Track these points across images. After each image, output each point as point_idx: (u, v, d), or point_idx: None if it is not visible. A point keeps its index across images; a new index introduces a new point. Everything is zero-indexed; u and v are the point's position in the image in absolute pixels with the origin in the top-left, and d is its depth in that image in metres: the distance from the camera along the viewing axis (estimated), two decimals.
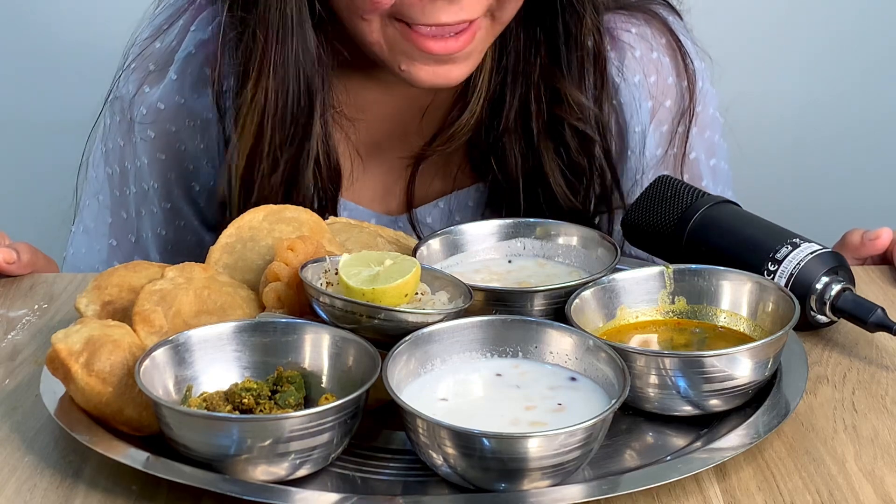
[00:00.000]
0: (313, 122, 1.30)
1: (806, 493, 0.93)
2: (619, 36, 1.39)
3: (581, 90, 1.35)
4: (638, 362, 0.99)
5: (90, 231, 1.44)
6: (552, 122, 1.36)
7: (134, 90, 1.39)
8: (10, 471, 0.96)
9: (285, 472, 0.92)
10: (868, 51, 2.19)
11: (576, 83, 1.35)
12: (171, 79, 1.38)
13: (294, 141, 1.30)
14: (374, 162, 1.41)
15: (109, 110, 1.42)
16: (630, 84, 1.39)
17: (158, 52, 1.39)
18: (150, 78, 1.39)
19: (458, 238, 1.19)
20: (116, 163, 1.41)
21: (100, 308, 1.06)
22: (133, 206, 1.43)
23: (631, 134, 1.40)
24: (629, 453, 0.98)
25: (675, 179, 1.25)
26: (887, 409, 1.04)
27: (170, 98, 1.38)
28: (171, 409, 0.92)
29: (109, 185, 1.42)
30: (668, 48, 1.40)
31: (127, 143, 1.40)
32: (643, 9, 1.41)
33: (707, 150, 1.43)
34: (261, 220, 1.13)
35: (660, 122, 1.40)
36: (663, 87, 1.40)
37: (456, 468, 0.90)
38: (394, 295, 0.99)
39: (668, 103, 1.40)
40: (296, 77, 1.27)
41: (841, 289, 1.12)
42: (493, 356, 1.01)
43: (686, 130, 1.40)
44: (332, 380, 0.99)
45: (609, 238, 1.16)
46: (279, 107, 1.28)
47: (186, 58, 1.38)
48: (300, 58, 1.27)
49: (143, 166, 1.41)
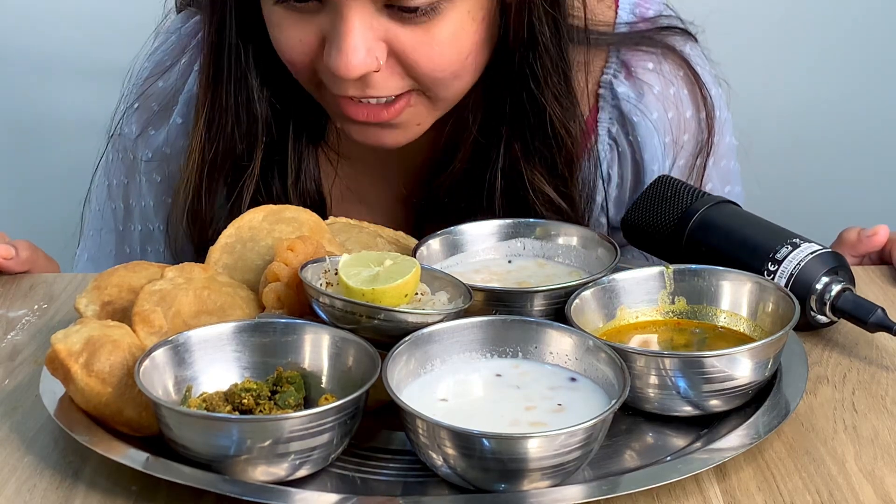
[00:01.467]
0: (252, 166, 1.29)
1: (806, 493, 0.93)
2: (636, 73, 1.35)
3: (546, 180, 1.29)
4: (638, 362, 0.99)
5: (94, 259, 1.45)
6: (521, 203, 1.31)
7: (137, 131, 1.38)
8: (10, 471, 0.96)
9: (285, 473, 0.92)
10: (869, 51, 2.19)
11: (543, 173, 1.29)
12: (175, 122, 1.37)
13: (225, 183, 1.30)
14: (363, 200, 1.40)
15: (112, 147, 1.41)
16: (649, 121, 1.35)
17: (161, 91, 1.38)
18: (154, 120, 1.38)
19: (458, 238, 1.19)
20: (121, 199, 1.41)
21: (99, 308, 1.06)
22: (138, 242, 1.43)
23: (647, 171, 1.37)
24: (629, 453, 0.98)
25: (676, 179, 1.25)
26: (887, 409, 1.04)
27: (175, 142, 1.38)
28: (171, 410, 0.92)
29: (114, 220, 1.42)
30: (686, 81, 1.37)
31: (131, 182, 1.40)
32: (660, 43, 1.37)
33: (722, 179, 1.42)
34: (260, 220, 1.13)
35: (677, 157, 1.38)
36: (681, 122, 1.37)
37: (456, 469, 0.90)
38: (394, 295, 0.99)
39: (686, 137, 1.38)
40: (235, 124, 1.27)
41: (841, 289, 1.12)
42: (492, 356, 1.01)
43: (703, 163, 1.38)
44: (332, 380, 0.99)
45: (609, 238, 1.16)
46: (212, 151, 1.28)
47: (190, 98, 1.36)
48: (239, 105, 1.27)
49: (148, 207, 1.40)
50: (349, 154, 1.36)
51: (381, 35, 1.16)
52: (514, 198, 1.31)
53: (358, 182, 1.39)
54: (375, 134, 1.23)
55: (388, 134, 1.23)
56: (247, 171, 1.29)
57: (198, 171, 1.30)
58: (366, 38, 1.15)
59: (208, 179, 1.30)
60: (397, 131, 1.23)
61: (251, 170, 1.29)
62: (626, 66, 1.36)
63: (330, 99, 1.23)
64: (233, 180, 1.30)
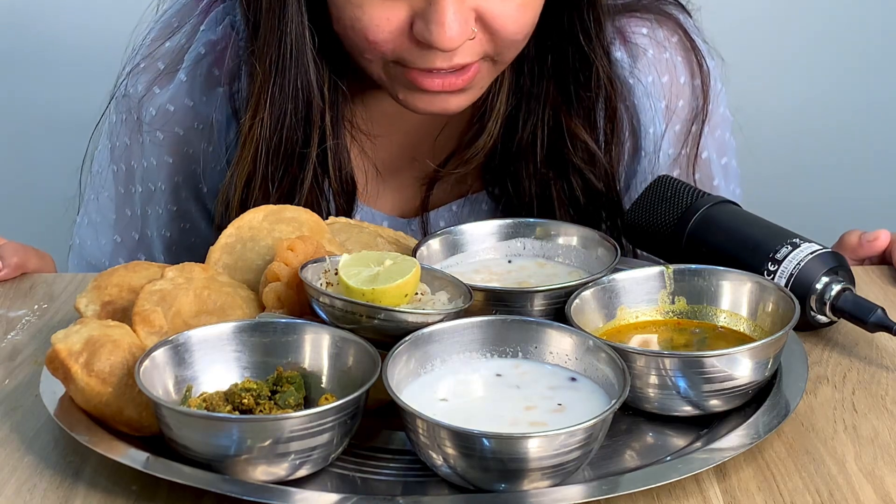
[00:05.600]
0: (309, 153, 1.31)
1: (806, 493, 0.93)
2: (630, 38, 1.39)
3: (587, 131, 1.35)
4: (638, 362, 0.99)
5: (95, 224, 1.44)
6: (558, 157, 1.36)
7: (143, 90, 1.39)
8: (10, 471, 0.96)
9: (285, 473, 0.92)
10: (870, 50, 2.19)
11: (582, 123, 1.35)
12: (180, 80, 1.38)
13: (288, 172, 1.31)
14: (389, 179, 1.41)
15: (115, 108, 1.42)
16: (644, 85, 1.39)
17: (168, 51, 1.39)
18: (159, 79, 1.39)
19: (458, 238, 1.19)
20: (123, 161, 1.41)
21: (100, 308, 1.06)
22: (139, 204, 1.43)
23: (644, 134, 1.40)
24: (629, 453, 0.98)
25: (675, 179, 1.25)
26: (887, 409, 1.04)
27: (179, 100, 1.38)
28: (171, 410, 0.92)
29: (115, 182, 1.42)
30: (681, 47, 1.40)
31: (134, 143, 1.40)
32: (654, 9, 1.40)
33: (718, 150, 1.43)
34: (261, 220, 1.13)
35: (673, 123, 1.40)
36: (676, 87, 1.40)
37: (456, 468, 0.90)
38: (394, 295, 0.99)
39: (681, 103, 1.40)
40: (293, 111, 1.29)
41: (841, 289, 1.12)
42: (493, 356, 1.01)
43: (699, 130, 1.41)
44: (332, 380, 0.99)
45: (609, 238, 1.16)
46: (274, 139, 1.29)
47: (196, 59, 1.38)
48: (298, 91, 1.28)
49: (150, 167, 1.41)
50: (378, 133, 1.38)
51: (472, 4, 1.20)
52: (552, 155, 1.35)
53: (383, 157, 1.40)
54: (443, 101, 1.26)
55: (455, 99, 1.26)
56: (306, 158, 1.31)
57: (256, 159, 1.31)
58: (461, 9, 1.18)
59: (269, 167, 1.31)
60: (464, 95, 1.27)
61: (309, 156, 1.31)
62: (621, 33, 1.39)
63: (398, 74, 1.25)
64: (288, 168, 1.32)
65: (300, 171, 1.31)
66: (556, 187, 1.36)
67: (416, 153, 1.40)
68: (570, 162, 1.35)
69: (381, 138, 1.39)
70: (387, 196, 1.42)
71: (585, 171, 1.35)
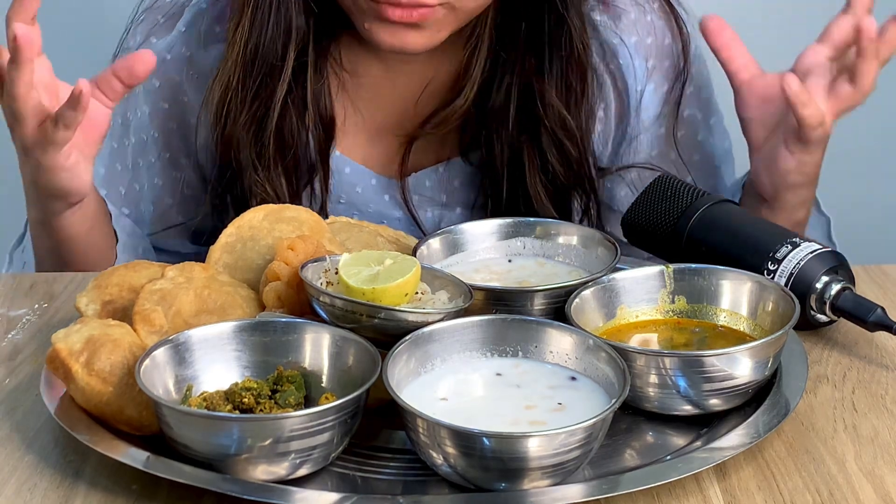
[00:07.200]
0: (285, 66, 1.34)
1: (806, 492, 0.93)
2: (612, 1, 1.41)
3: (559, 95, 1.37)
4: (638, 362, 0.99)
5: None
6: (531, 121, 1.38)
7: (141, 39, 1.41)
8: (10, 471, 0.96)
9: (285, 472, 0.92)
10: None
11: (555, 87, 1.37)
12: (178, 30, 1.41)
13: (265, 83, 1.34)
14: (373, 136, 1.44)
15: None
16: (627, 45, 1.41)
17: (168, 4, 1.42)
18: (157, 30, 1.41)
19: (458, 237, 1.19)
20: (118, 114, 1.42)
21: (100, 307, 1.06)
22: (130, 157, 1.44)
23: (631, 94, 1.42)
24: (629, 453, 0.98)
25: (675, 179, 1.25)
26: (887, 408, 1.04)
27: (176, 49, 1.41)
28: (172, 409, 0.92)
29: (109, 137, 1.42)
30: (662, 12, 1.43)
31: (130, 94, 1.40)
32: None
33: (703, 109, 1.46)
34: (261, 219, 1.13)
35: (657, 82, 1.43)
36: (659, 48, 1.43)
37: (456, 468, 0.91)
38: (394, 294, 0.99)
39: (665, 63, 1.43)
40: (275, 21, 1.33)
41: (841, 288, 1.12)
42: (493, 356, 1.01)
43: (681, 91, 1.43)
44: (332, 379, 0.99)
45: (609, 237, 1.16)
46: (250, 45, 1.33)
47: (197, 12, 1.40)
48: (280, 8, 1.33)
49: (143, 116, 1.42)
50: (358, 72, 1.41)
51: None
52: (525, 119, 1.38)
53: (364, 107, 1.43)
54: (402, 36, 1.29)
55: (412, 36, 1.29)
56: (280, 71, 1.34)
57: (236, 68, 1.34)
58: None
59: (246, 78, 1.34)
60: (421, 35, 1.30)
61: (283, 71, 1.34)
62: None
63: (366, 4, 1.28)
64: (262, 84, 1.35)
65: (276, 83, 1.34)
66: (528, 152, 1.38)
67: (399, 116, 1.42)
68: (542, 125, 1.37)
69: (366, 100, 1.42)
70: (370, 152, 1.44)
71: (558, 133, 1.37)
